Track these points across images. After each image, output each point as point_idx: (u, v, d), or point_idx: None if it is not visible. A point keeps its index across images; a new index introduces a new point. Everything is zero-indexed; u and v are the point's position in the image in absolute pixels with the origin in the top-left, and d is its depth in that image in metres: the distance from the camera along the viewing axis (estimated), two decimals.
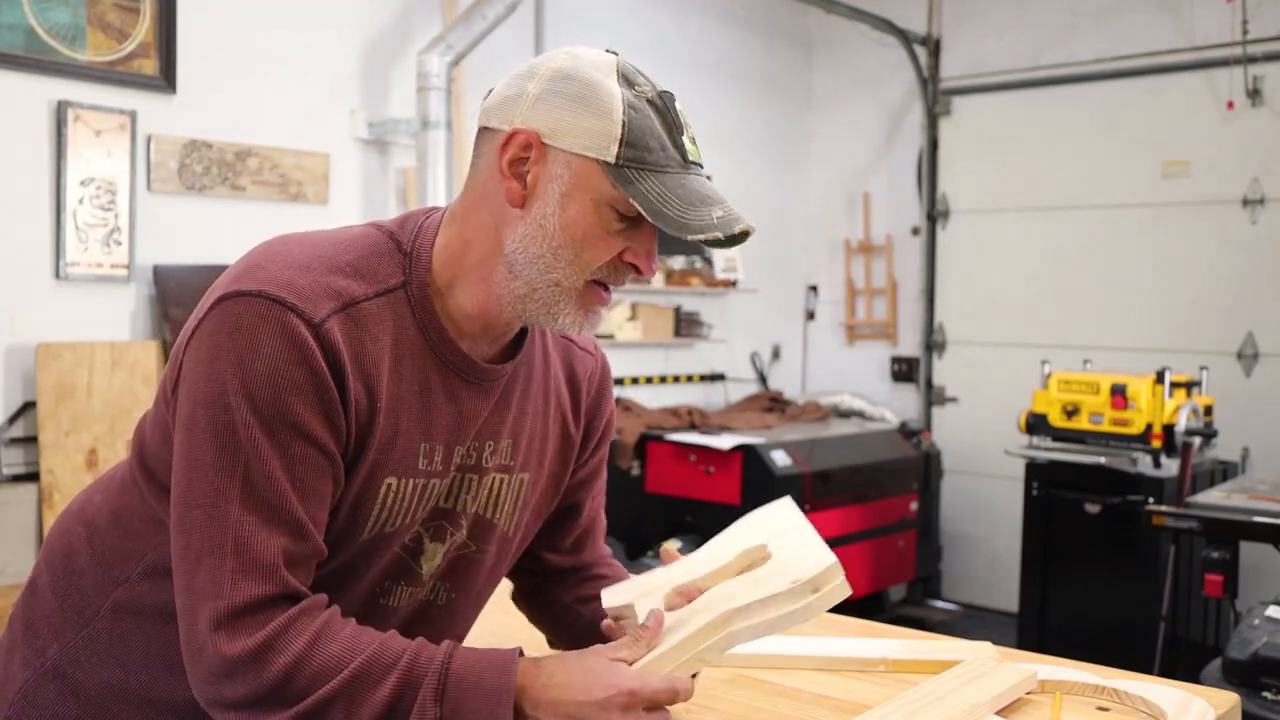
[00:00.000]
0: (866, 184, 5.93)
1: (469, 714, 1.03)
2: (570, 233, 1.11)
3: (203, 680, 1.05)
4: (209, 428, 1.05)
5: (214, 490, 1.05)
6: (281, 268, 1.09)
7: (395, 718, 1.02)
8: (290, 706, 1.02)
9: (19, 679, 1.23)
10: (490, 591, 1.35)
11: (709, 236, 1.08)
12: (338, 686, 1.02)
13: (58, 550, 1.25)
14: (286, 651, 1.02)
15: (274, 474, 1.05)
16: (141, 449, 1.20)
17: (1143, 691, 1.37)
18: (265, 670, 1.02)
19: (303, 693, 1.02)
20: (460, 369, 1.18)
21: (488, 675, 1.04)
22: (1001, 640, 2.21)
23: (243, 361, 1.05)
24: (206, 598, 1.04)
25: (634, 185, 1.08)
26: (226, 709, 1.05)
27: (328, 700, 1.02)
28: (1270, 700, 2.62)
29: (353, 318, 1.10)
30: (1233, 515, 3.25)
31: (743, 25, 5.65)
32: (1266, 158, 4.71)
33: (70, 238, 3.22)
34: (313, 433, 1.07)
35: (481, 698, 1.03)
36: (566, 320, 1.14)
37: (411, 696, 1.03)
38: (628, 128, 1.09)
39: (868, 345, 5.98)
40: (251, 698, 1.03)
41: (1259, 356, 4.76)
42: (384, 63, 4.04)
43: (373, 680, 1.03)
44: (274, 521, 1.05)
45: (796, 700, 1.40)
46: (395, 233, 1.18)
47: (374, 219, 4.50)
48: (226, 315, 1.07)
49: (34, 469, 3.14)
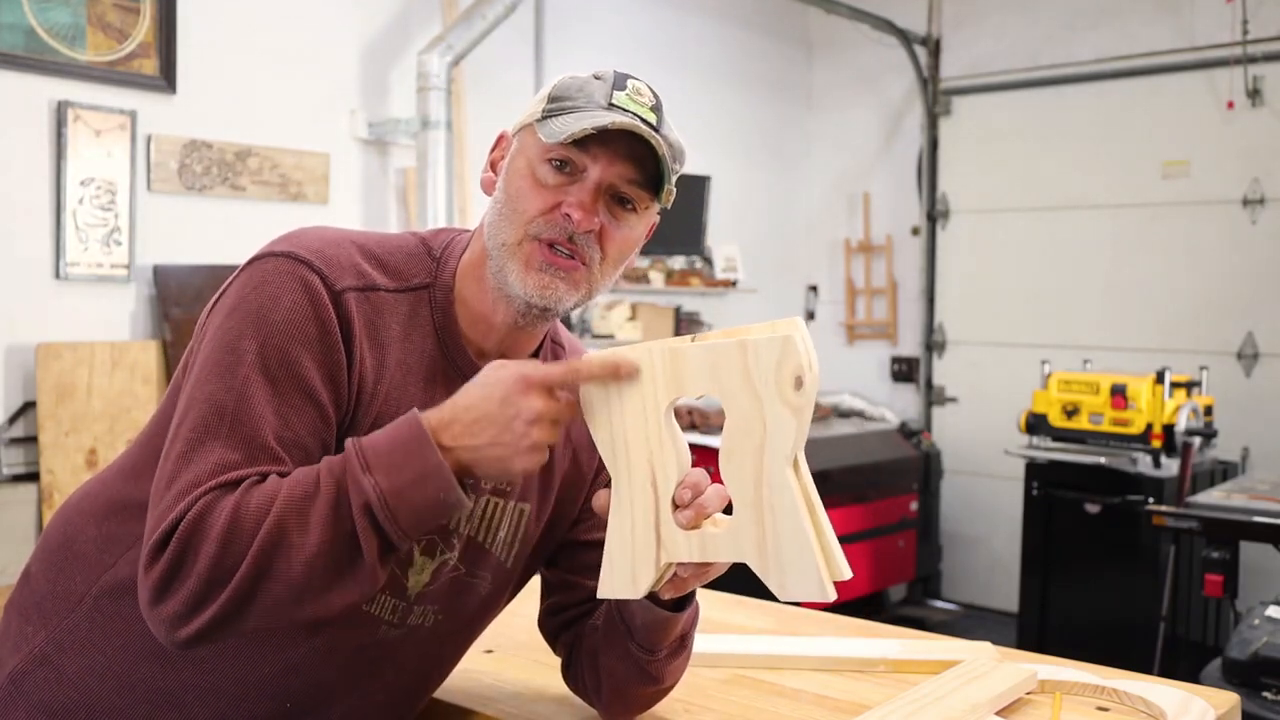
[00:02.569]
0: (866, 184, 5.93)
1: (399, 470, 1.01)
2: (510, 193, 1.16)
3: (150, 614, 1.03)
4: (215, 367, 1.08)
5: (201, 425, 1.06)
6: (314, 239, 1.15)
7: (341, 512, 1.00)
8: (230, 576, 1.00)
9: (8, 665, 1.23)
10: (484, 624, 1.33)
11: (579, 132, 1.10)
12: (274, 521, 1.00)
13: (54, 540, 1.26)
14: (208, 534, 1.00)
15: (263, 417, 1.06)
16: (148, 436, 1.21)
17: (1143, 691, 1.37)
18: (191, 564, 1.00)
19: (239, 553, 1.00)
20: (467, 376, 1.18)
21: (401, 429, 1.03)
22: (1001, 640, 2.21)
23: (262, 309, 1.09)
24: (156, 524, 1.03)
25: (546, 124, 1.14)
26: (176, 631, 1.02)
27: (270, 542, 0.99)
28: (1270, 700, 2.62)
29: (370, 300, 1.14)
30: (1233, 515, 3.25)
31: (743, 25, 5.65)
32: (1266, 158, 4.71)
33: (70, 238, 3.21)
34: (313, 388, 1.09)
35: (402, 449, 1.01)
36: (514, 280, 1.14)
37: (344, 485, 1.01)
38: (555, 87, 1.17)
39: (868, 345, 5.98)
40: (190, 600, 1.00)
41: (1259, 356, 4.76)
42: (384, 63, 4.04)
43: (302, 499, 1.01)
44: (252, 461, 1.05)
45: (796, 700, 1.40)
46: (428, 239, 1.23)
47: (374, 219, 4.49)
48: (255, 272, 1.12)
49: (34, 469, 3.14)
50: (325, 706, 1.22)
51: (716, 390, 1.02)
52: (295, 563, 0.99)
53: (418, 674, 1.28)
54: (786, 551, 1.00)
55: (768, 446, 1.00)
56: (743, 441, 1.02)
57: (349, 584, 1.02)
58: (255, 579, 1.00)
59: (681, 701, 1.38)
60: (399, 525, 1.01)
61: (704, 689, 1.42)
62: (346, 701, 1.23)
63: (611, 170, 1.13)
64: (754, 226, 5.71)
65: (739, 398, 1.01)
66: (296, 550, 0.99)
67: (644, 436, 1.05)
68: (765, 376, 1.00)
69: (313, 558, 0.99)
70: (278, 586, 1.00)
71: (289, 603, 1.01)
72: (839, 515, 4.60)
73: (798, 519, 0.99)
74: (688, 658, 1.29)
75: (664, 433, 1.05)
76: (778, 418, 0.99)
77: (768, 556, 1.01)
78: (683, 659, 1.27)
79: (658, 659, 1.22)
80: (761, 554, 1.01)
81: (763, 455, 1.00)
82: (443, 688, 1.39)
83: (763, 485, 1.00)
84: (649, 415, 1.05)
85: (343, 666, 1.20)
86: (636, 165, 1.14)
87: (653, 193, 1.16)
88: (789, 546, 1.00)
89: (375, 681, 1.24)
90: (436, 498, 1.01)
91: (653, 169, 1.15)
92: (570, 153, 1.13)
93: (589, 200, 1.13)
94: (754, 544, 1.02)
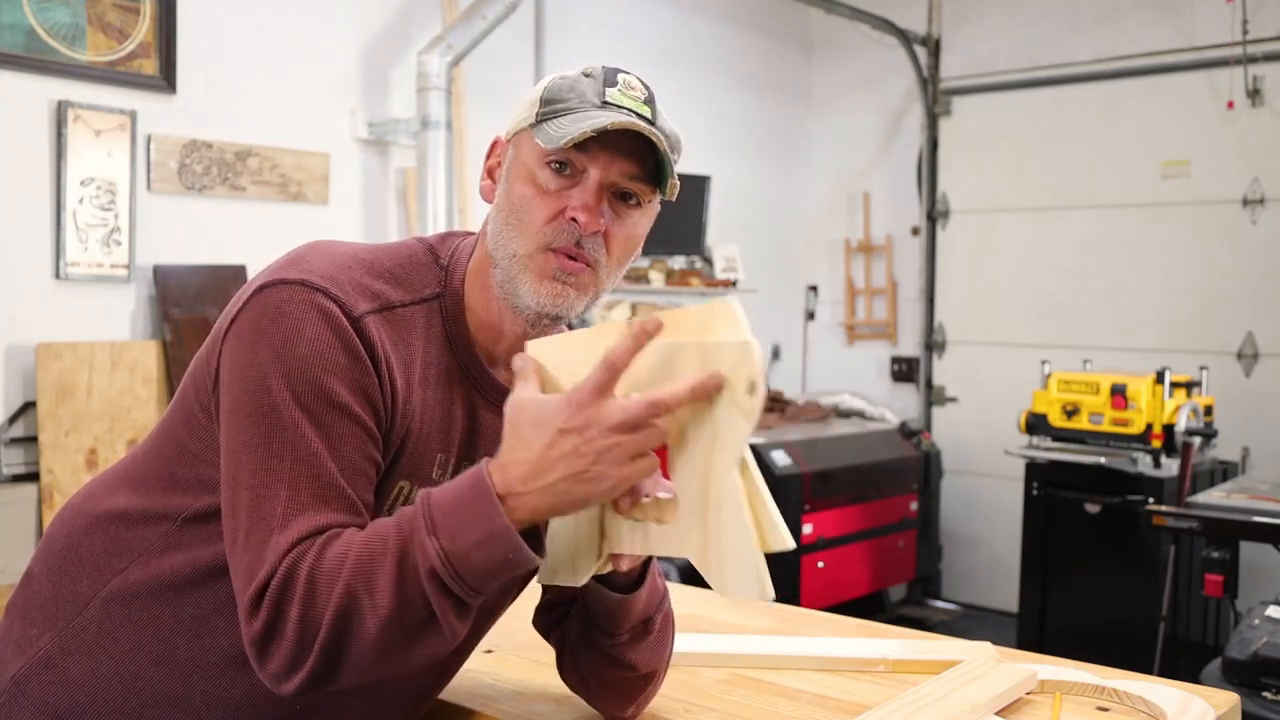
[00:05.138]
0: (866, 184, 5.93)
1: (464, 532, 0.99)
2: (513, 202, 1.15)
3: (259, 671, 1.04)
4: (253, 411, 1.06)
5: (262, 469, 1.05)
6: (323, 263, 1.13)
7: (407, 575, 0.99)
8: (315, 639, 1.00)
9: (11, 668, 1.23)
10: (489, 625, 1.34)
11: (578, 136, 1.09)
12: (345, 585, 0.99)
13: (58, 541, 1.26)
14: (293, 596, 1.00)
15: (318, 452, 1.05)
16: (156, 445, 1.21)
17: (1143, 691, 1.37)
18: (282, 626, 1.00)
19: (319, 618, 1.00)
20: (480, 384, 1.20)
21: (465, 486, 1.01)
22: (1001, 640, 2.21)
23: (287, 343, 1.07)
24: (248, 579, 1.03)
25: (541, 128, 1.13)
26: (280, 686, 1.03)
27: (344, 605, 0.99)
28: (1270, 700, 2.62)
29: (388, 320, 1.14)
30: (1233, 515, 3.25)
31: (743, 25, 5.65)
32: (1266, 158, 4.71)
33: (70, 238, 3.22)
34: (352, 411, 1.08)
35: (468, 509, 1.00)
36: (527, 292, 1.14)
37: (410, 547, 1.00)
38: (546, 90, 1.15)
39: (868, 345, 5.98)
40: (287, 660, 1.01)
41: (1259, 356, 4.76)
42: (384, 63, 4.04)
43: (374, 556, 1.00)
44: (322, 499, 1.05)
45: (796, 700, 1.40)
46: (435, 246, 1.23)
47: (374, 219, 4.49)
48: (269, 301, 1.09)
49: (34, 469, 3.14)
50: (335, 711, 1.22)
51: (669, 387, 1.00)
52: (370, 626, 1.00)
53: (426, 676, 1.28)
54: (728, 551, 1.00)
55: (716, 447, 0.99)
56: (693, 442, 1.01)
57: (430, 640, 1.02)
58: (336, 640, 1.00)
59: (681, 701, 1.38)
60: (466, 585, 1.00)
61: (704, 689, 1.42)
62: (356, 705, 1.23)
63: (612, 168, 1.13)
64: (754, 226, 5.71)
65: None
66: (370, 613, 0.99)
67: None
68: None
69: (386, 621, 0.99)
70: (359, 647, 1.01)
71: (375, 661, 1.02)
72: (839, 515, 4.60)
73: (741, 521, 0.99)
74: (664, 644, 1.28)
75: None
76: (729, 420, 0.98)
77: (709, 554, 1.01)
78: (651, 644, 1.25)
79: (619, 642, 1.22)
80: (704, 551, 1.02)
81: (711, 455, 1.00)
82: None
83: (709, 484, 1.00)
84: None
85: None
86: (636, 160, 1.14)
87: (654, 185, 1.16)
88: (731, 547, 1.00)
89: (386, 686, 1.24)
90: (504, 558, 1.00)
91: (652, 162, 1.15)
92: (569, 155, 1.12)
93: (592, 201, 1.13)
94: (697, 541, 1.02)
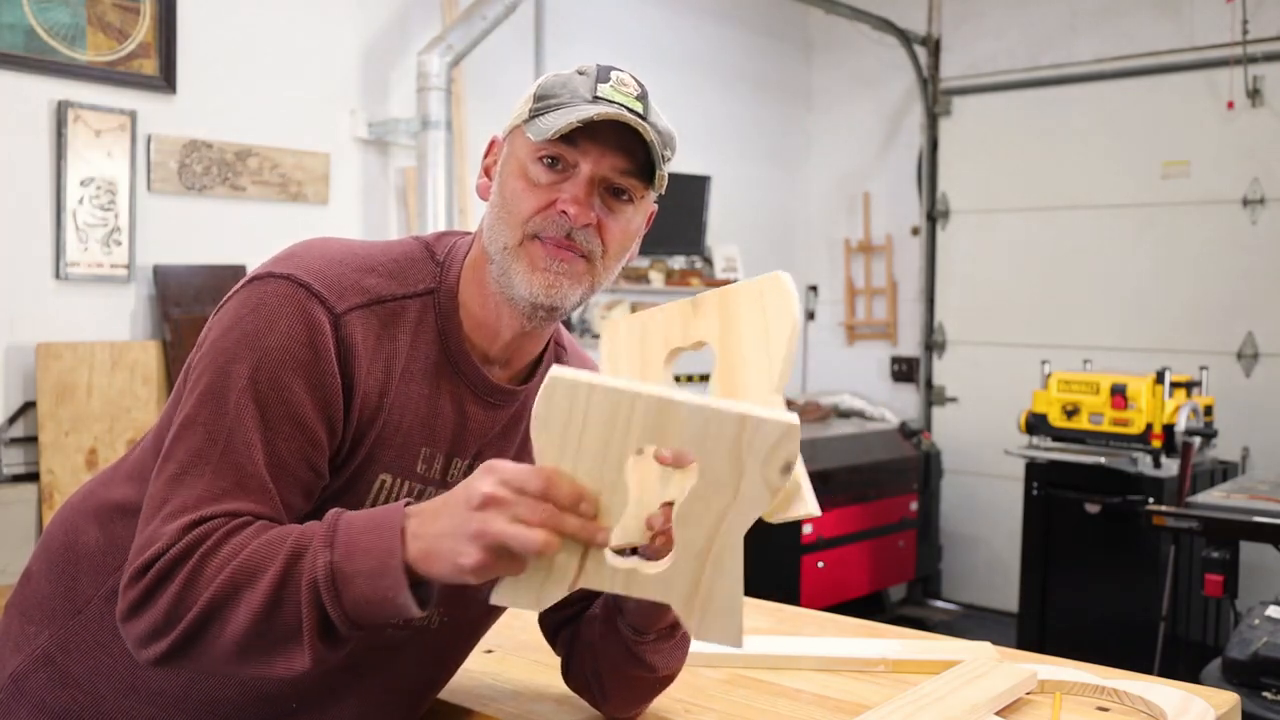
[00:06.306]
0: (866, 184, 5.93)
1: (359, 556, 0.97)
2: (504, 195, 1.17)
3: (123, 631, 1.06)
4: (205, 390, 1.09)
5: (194, 451, 1.07)
6: (315, 258, 1.15)
7: (290, 579, 0.99)
8: (183, 617, 1.01)
9: (9, 665, 1.23)
10: (487, 626, 1.34)
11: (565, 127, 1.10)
12: (230, 573, 1.00)
13: (57, 540, 1.26)
14: (179, 573, 1.02)
15: (252, 444, 1.07)
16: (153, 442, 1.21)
17: (1143, 691, 1.37)
18: (158, 598, 1.02)
19: (194, 599, 1.01)
20: (471, 381, 1.20)
21: (380, 514, 1.00)
22: (1001, 640, 2.21)
23: (258, 333, 1.09)
24: (142, 549, 1.05)
25: (533, 123, 1.14)
26: (140, 652, 1.05)
27: (222, 592, 1.00)
28: (1270, 700, 2.62)
29: (375, 314, 1.15)
30: (1233, 515, 3.25)
31: (743, 25, 5.65)
32: (1266, 158, 4.71)
33: (70, 238, 3.22)
34: (304, 415, 1.09)
35: (373, 535, 0.98)
36: (519, 282, 1.14)
37: (305, 554, 1.00)
38: (540, 86, 1.17)
39: (868, 345, 5.98)
40: (149, 628, 1.03)
41: (1259, 356, 4.76)
42: (384, 63, 4.04)
43: (268, 553, 1.01)
44: (241, 487, 1.06)
45: (796, 700, 1.40)
46: (431, 244, 1.24)
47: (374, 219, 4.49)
48: (253, 292, 1.12)
49: (34, 469, 3.14)
50: (331, 708, 1.22)
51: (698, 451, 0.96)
52: (239, 619, 1.00)
53: (422, 675, 1.29)
54: (718, 605, 1.00)
55: (734, 511, 0.97)
56: (709, 500, 0.97)
57: (290, 653, 1.00)
58: (203, 623, 1.01)
59: (681, 702, 1.38)
60: (342, 609, 0.98)
61: (704, 689, 1.42)
62: (352, 703, 1.23)
63: (603, 162, 1.13)
64: (754, 226, 5.70)
65: (720, 461, 0.96)
66: (244, 607, 1.00)
67: (598, 477, 0.96)
68: (757, 453, 0.95)
69: (254, 618, 0.99)
70: (223, 636, 1.01)
71: (233, 656, 1.02)
72: (839, 515, 4.60)
73: (737, 580, 0.99)
74: (684, 649, 1.28)
75: (620, 479, 0.96)
76: (754, 492, 0.96)
77: (694, 604, 1.01)
78: (673, 647, 1.25)
79: (646, 641, 1.22)
80: (689, 601, 1.01)
81: (726, 517, 0.98)
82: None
83: (715, 541, 0.99)
84: (609, 460, 0.95)
85: (348, 668, 1.19)
86: (627, 155, 1.14)
87: (646, 181, 1.16)
88: (721, 602, 1.00)
89: (380, 683, 1.24)
90: (385, 595, 0.97)
91: (643, 157, 1.15)
92: (560, 149, 1.13)
93: (583, 195, 1.13)
94: (684, 591, 1.00)
